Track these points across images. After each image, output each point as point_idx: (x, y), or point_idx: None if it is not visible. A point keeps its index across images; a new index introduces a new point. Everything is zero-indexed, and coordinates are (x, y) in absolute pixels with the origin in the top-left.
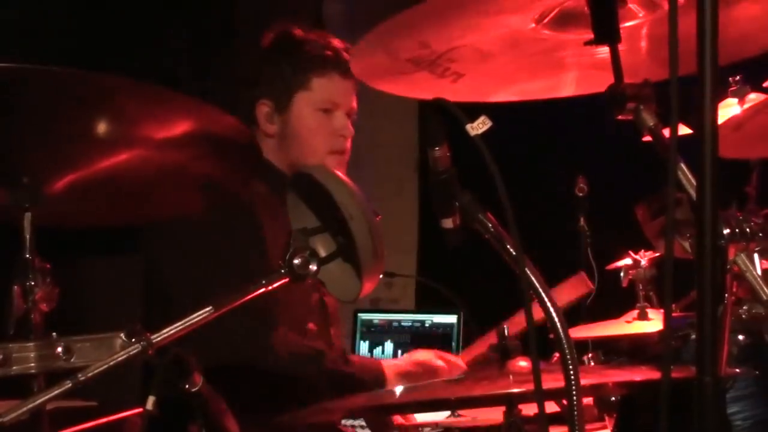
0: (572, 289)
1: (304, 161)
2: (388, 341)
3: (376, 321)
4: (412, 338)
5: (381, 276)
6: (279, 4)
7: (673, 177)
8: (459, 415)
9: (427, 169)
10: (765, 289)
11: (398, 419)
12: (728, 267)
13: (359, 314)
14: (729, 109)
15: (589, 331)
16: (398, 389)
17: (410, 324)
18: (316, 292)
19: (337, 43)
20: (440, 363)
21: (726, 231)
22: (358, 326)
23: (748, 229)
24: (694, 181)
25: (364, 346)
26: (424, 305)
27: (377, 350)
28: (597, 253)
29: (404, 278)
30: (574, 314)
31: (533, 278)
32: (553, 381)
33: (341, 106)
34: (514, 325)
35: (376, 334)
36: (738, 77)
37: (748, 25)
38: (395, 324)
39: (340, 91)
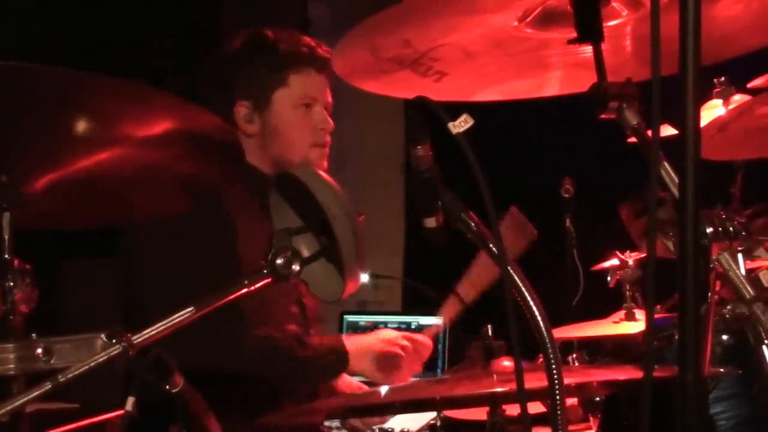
0: (512, 237)
1: (287, 157)
2: None
3: (362, 323)
4: None
5: (367, 277)
6: (264, 5)
7: (655, 176)
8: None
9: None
10: (748, 288)
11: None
12: (711, 266)
13: (345, 316)
14: (714, 111)
15: (576, 331)
16: (383, 389)
17: (396, 326)
18: (295, 295)
19: (308, 40)
20: (406, 343)
21: (709, 230)
22: (344, 328)
23: (731, 228)
24: (677, 180)
25: None
26: (410, 307)
27: None
28: (583, 254)
29: (390, 280)
30: (560, 314)
31: (516, 277)
32: (536, 381)
33: (319, 101)
34: (471, 286)
35: None
36: (723, 79)
37: (731, 25)
38: (381, 326)
39: (317, 85)
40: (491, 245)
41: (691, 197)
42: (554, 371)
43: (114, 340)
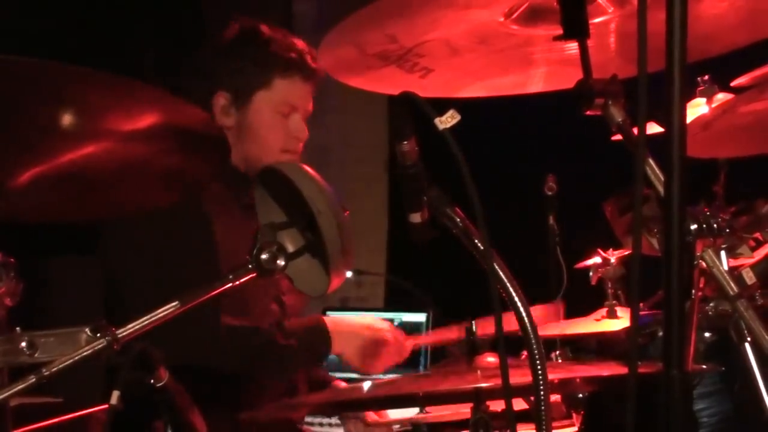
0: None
1: (257, 157)
2: None
3: None
4: None
5: (350, 273)
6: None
7: (640, 173)
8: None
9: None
10: (732, 284)
11: (372, 416)
12: (695, 263)
13: (327, 312)
14: (697, 109)
15: (559, 329)
16: (366, 384)
17: None
18: (274, 292)
19: (301, 45)
20: (389, 336)
21: (693, 226)
22: None
23: (715, 225)
24: (662, 177)
25: None
26: (393, 304)
27: None
28: (566, 252)
29: (373, 277)
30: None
31: (501, 273)
32: (520, 377)
33: (299, 109)
34: (482, 328)
35: None
36: (706, 77)
37: (716, 23)
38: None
39: (299, 94)
40: (476, 241)
41: (676, 194)
42: (539, 367)
43: (98, 334)
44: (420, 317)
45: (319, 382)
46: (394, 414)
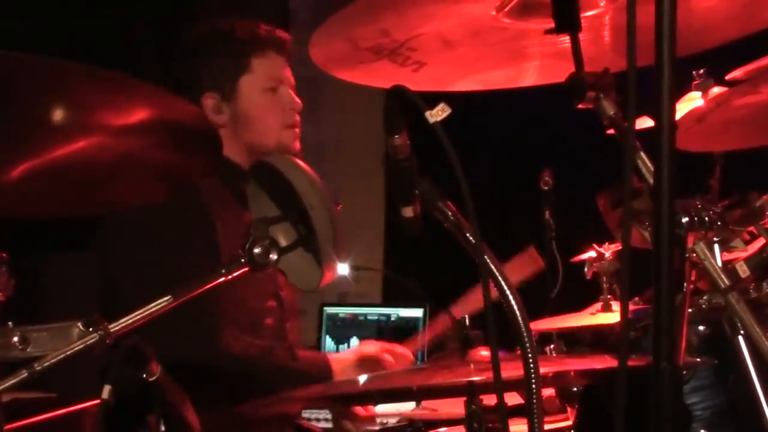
0: (522, 266)
1: (261, 142)
2: (354, 335)
3: (341, 315)
4: (377, 332)
5: (347, 269)
6: None
7: (629, 166)
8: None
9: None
10: (723, 278)
11: (359, 410)
12: (687, 255)
13: (325, 308)
14: (693, 103)
15: (554, 323)
16: (362, 378)
17: (376, 318)
18: (272, 289)
19: (263, 24)
20: (387, 357)
21: (685, 219)
22: (324, 320)
23: (707, 218)
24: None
25: (329, 340)
26: (390, 299)
27: (342, 345)
28: (562, 246)
29: (371, 272)
30: (539, 306)
31: (493, 267)
32: (514, 371)
33: (284, 82)
34: (465, 307)
35: (342, 328)
36: (702, 71)
37: (709, 16)
38: (361, 318)
39: (279, 67)
40: (468, 234)
41: (666, 186)
42: (530, 360)
43: (91, 329)
44: (417, 312)
45: None
46: (381, 408)
